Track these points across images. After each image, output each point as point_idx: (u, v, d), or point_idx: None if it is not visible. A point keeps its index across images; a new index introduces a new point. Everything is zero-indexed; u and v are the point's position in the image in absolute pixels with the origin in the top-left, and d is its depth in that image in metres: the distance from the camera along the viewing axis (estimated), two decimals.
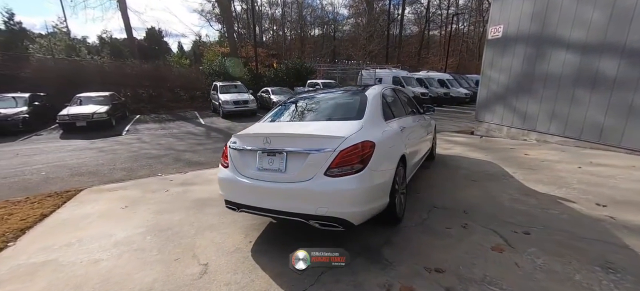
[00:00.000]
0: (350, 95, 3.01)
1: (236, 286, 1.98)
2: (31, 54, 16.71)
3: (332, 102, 3.01)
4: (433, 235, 2.60)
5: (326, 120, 2.75)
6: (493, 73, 7.61)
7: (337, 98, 3.03)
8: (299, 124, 2.77)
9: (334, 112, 2.84)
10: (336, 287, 1.95)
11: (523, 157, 5.14)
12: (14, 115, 10.09)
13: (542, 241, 2.42)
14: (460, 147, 6.37)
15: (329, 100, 3.05)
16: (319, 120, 2.79)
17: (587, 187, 3.58)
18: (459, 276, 2.02)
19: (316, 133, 2.33)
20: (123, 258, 2.40)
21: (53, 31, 21.96)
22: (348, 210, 2.12)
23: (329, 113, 2.83)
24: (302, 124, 2.76)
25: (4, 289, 2.08)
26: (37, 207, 3.69)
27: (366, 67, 19.38)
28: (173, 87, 16.14)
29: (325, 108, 2.93)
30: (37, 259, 2.45)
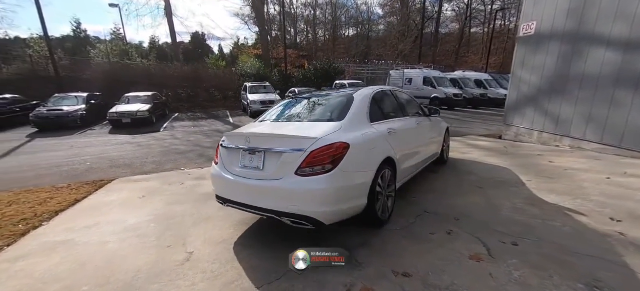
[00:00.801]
0: (339, 97, 3.07)
1: (210, 274, 2.17)
2: (91, 58, 19.01)
3: (322, 103, 3.09)
4: (413, 240, 2.57)
5: (310, 121, 2.84)
6: (524, 73, 7.07)
7: (327, 101, 3.11)
8: (282, 125, 2.90)
9: (320, 113, 2.93)
10: (301, 283, 2.04)
11: (546, 165, 4.75)
12: (74, 112, 11.55)
13: (529, 254, 2.28)
14: (479, 151, 6.04)
15: (320, 102, 3.13)
16: (304, 121, 2.89)
17: (607, 199, 3.25)
18: (425, 282, 2.01)
19: (290, 134, 2.44)
20: (126, 242, 2.72)
21: (111, 38, 24.72)
22: (317, 209, 2.20)
23: (316, 115, 2.92)
24: (284, 125, 2.89)
25: (28, 260, 2.48)
26: (73, 193, 4.27)
27: (396, 67, 18.90)
28: (209, 88, 17.27)
29: (314, 110, 3.02)
30: (59, 238, 2.88)
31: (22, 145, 8.95)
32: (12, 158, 7.45)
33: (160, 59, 22.13)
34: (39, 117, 11.20)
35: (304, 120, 2.90)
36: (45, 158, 7.07)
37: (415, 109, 4.14)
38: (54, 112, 11.39)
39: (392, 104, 3.52)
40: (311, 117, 2.91)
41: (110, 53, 19.70)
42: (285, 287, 2.00)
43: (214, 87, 17.43)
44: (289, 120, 3.02)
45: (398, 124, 3.21)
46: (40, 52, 18.48)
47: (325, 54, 34.48)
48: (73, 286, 2.08)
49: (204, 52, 40.09)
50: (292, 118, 3.02)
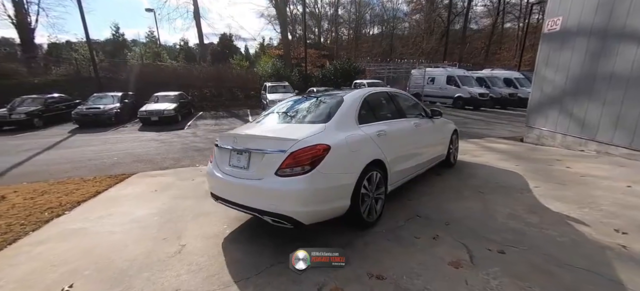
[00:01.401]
0: (331, 99, 3.11)
1: (195, 267, 2.32)
2: (127, 60, 20.45)
3: (315, 105, 3.14)
4: (397, 243, 2.57)
5: (299, 122, 2.91)
6: (548, 72, 6.65)
7: (319, 102, 3.16)
8: (272, 126, 2.99)
9: (310, 115, 2.99)
10: (276, 280, 2.12)
11: (561, 171, 4.47)
12: (109, 110, 12.52)
13: (513, 263, 2.21)
14: (493, 154, 5.79)
15: (313, 103, 3.19)
16: (293, 123, 2.97)
17: (619, 209, 3.02)
18: (397, 286, 2.01)
19: (273, 135, 2.54)
20: (130, 233, 2.96)
21: (146, 41, 26.41)
22: (296, 209, 2.28)
23: (306, 116, 2.98)
24: (274, 126, 2.98)
25: (46, 245, 2.79)
26: (96, 186, 4.67)
27: (418, 65, 18.41)
28: (231, 87, 17.92)
29: (305, 112, 3.08)
30: (75, 226, 3.20)
31: (63, 140, 9.87)
32: (54, 151, 8.25)
33: (188, 60, 23.34)
34: (79, 114, 12.28)
35: (294, 122, 2.98)
36: (80, 152, 7.77)
37: (415, 111, 4.08)
38: (92, 110, 12.43)
39: (386, 106, 3.50)
40: (301, 119, 2.98)
41: (143, 55, 21.10)
42: (261, 283, 2.10)
43: (236, 86, 18.06)
44: (281, 121, 3.12)
45: (390, 126, 3.20)
46: (83, 54, 20.15)
47: (348, 53, 34.32)
48: (77, 270, 2.33)
49: (231, 53, 41.52)
50: (285, 120, 3.11)
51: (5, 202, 4.07)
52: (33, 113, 12.37)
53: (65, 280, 2.19)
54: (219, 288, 2.04)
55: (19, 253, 2.67)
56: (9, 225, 3.25)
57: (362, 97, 3.11)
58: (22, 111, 12.25)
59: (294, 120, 3.00)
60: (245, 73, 19.38)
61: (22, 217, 3.45)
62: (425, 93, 18.04)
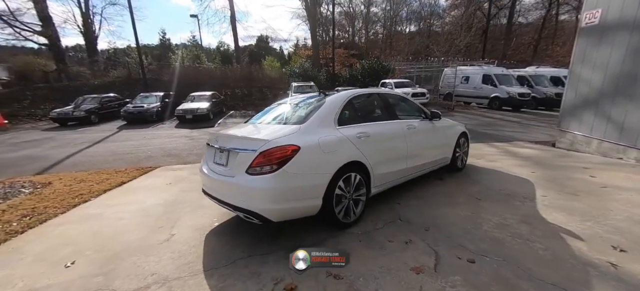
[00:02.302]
0: (315, 100, 3.19)
1: (176, 254, 2.55)
2: (170, 63, 22.28)
3: (299, 106, 3.23)
4: (367, 245, 2.59)
5: (279, 124, 3.03)
6: (584, 70, 6.01)
7: (304, 103, 3.25)
8: (254, 126, 3.14)
9: (291, 116, 3.08)
10: (240, 271, 2.26)
11: (582, 180, 4.06)
12: (150, 109, 13.79)
13: (479, 274, 2.13)
14: (512, 160, 5.41)
15: (298, 104, 3.29)
16: (273, 124, 3.08)
17: (629, 225, 2.72)
18: (351, 286, 2.05)
19: (247, 136, 2.68)
20: (134, 220, 3.33)
21: (189, 44, 28.55)
22: (263, 206, 2.41)
23: (288, 118, 3.09)
24: (256, 126, 3.12)
25: (66, 226, 3.25)
26: (124, 176, 5.25)
27: (452, 64, 17.49)
28: (262, 87, 18.64)
29: (290, 113, 3.19)
30: (94, 211, 3.67)
31: (112, 135, 11.10)
32: (102, 144, 9.34)
33: (225, 61, 24.73)
34: (126, 112, 13.69)
35: (275, 123, 3.11)
36: (122, 146, 8.71)
37: (412, 112, 3.99)
38: (137, 108, 13.78)
39: (373, 108, 3.49)
40: (283, 120, 3.10)
41: (184, 58, 22.81)
42: (226, 273, 2.26)
43: (266, 86, 18.76)
44: (266, 122, 3.26)
45: (375, 128, 3.19)
46: (135, 58, 22.33)
47: (381, 52, 33.63)
48: (82, 249, 2.70)
49: (267, 54, 43.04)
50: (270, 121, 3.24)
51: (50, 187, 4.76)
52: (91, 111, 14.07)
53: (70, 257, 2.56)
54: (188, 275, 2.25)
55: (45, 231, 3.16)
56: (46, 207, 3.83)
57: (346, 98, 3.15)
58: (83, 109, 14.01)
59: (277, 121, 3.13)
60: (274, 74, 20.04)
61: (57, 201, 4.03)
62: (458, 93, 17.13)
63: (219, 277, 2.21)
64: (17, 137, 11.35)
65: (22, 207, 3.83)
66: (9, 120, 14.30)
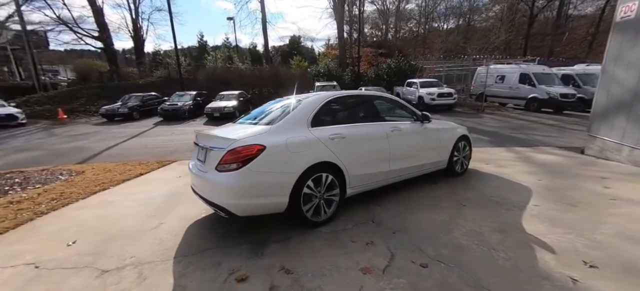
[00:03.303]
0: (294, 102, 3.32)
1: (158, 241, 2.83)
2: (204, 64, 23.76)
3: (279, 107, 3.37)
4: (329, 244, 2.65)
5: (255, 124, 3.18)
6: (617, 69, 5.41)
7: (284, 104, 3.39)
8: (233, 127, 3.33)
9: (268, 117, 3.23)
10: (204, 260, 2.46)
11: (591, 191, 3.73)
12: (183, 107, 14.87)
13: (425, 279, 2.12)
14: (524, 166, 5.07)
15: (280, 105, 3.41)
16: (249, 124, 3.25)
17: (615, 241, 2.50)
18: (297, 281, 2.14)
19: (220, 135, 2.86)
20: (137, 208, 3.72)
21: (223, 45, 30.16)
22: (228, 201, 2.60)
23: (264, 118, 3.24)
24: (233, 127, 3.30)
25: (82, 210, 3.73)
26: (143, 169, 5.81)
27: (486, 62, 16.42)
28: (288, 87, 19.06)
29: (270, 113, 3.32)
30: (108, 198, 4.15)
31: (148, 130, 12.19)
32: (138, 138, 10.32)
33: (255, 61, 25.77)
34: (162, 109, 14.91)
35: (253, 123, 3.28)
36: (153, 141, 9.55)
37: (400, 114, 3.94)
38: (171, 106, 14.94)
39: (354, 109, 3.52)
40: (260, 120, 3.26)
41: (217, 59, 24.16)
42: (192, 261, 2.48)
43: (292, 86, 19.17)
44: (247, 122, 3.42)
45: (352, 130, 3.23)
46: (174, 59, 24.16)
47: (414, 50, 32.55)
48: (85, 232, 3.10)
49: (298, 53, 43.84)
50: (251, 121, 3.40)
51: (82, 175, 5.44)
52: (133, 108, 15.53)
53: (74, 237, 2.96)
54: (160, 260, 2.51)
55: (64, 214, 3.67)
56: (72, 193, 4.41)
57: (323, 100, 3.24)
58: (127, 106, 15.52)
59: (255, 121, 3.30)
60: (299, 74, 20.41)
61: (82, 188, 4.62)
62: (492, 93, 16.10)
63: (185, 264, 2.44)
64: (73, 130, 12.91)
65: (54, 192, 4.45)
66: (68, 115, 16.32)
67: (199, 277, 2.25)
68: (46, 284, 2.22)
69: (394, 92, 17.84)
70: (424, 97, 14.40)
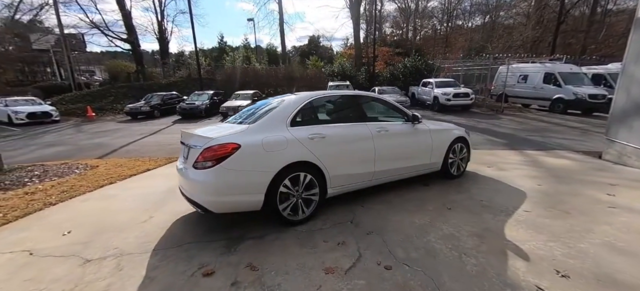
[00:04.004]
0: (276, 102, 3.36)
1: (143, 233, 2.96)
2: (223, 64, 24.49)
3: (264, 107, 3.43)
4: (301, 243, 2.68)
5: (236, 123, 3.25)
6: (638, 69, 5.00)
7: (269, 104, 3.44)
8: (214, 126, 3.42)
9: (249, 117, 3.30)
10: (180, 254, 2.56)
11: (589, 197, 3.51)
12: (200, 106, 15.40)
13: (386, 281, 2.11)
14: (528, 170, 4.83)
15: (265, 105, 3.47)
16: (233, 123, 3.33)
17: (600, 251, 2.35)
18: (259, 279, 2.18)
19: (200, 134, 2.96)
20: (133, 202, 3.92)
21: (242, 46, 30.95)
22: (204, 197, 2.70)
23: (246, 118, 3.30)
24: (214, 126, 3.40)
25: (87, 202, 3.99)
26: (152, 165, 6.10)
27: (509, 60, 15.65)
28: (301, 86, 19.23)
29: (255, 113, 3.37)
30: (113, 192, 4.40)
31: (165, 128, 12.75)
32: (155, 136, 10.82)
33: (271, 61, 26.22)
34: (181, 108, 15.54)
35: (234, 122, 3.36)
36: (168, 139, 9.97)
37: (390, 115, 3.88)
38: (189, 105, 15.53)
39: (338, 110, 3.51)
40: (242, 120, 3.33)
41: (235, 59, 24.83)
42: (170, 254, 2.58)
43: (305, 85, 19.30)
44: (230, 121, 3.50)
45: (334, 130, 3.22)
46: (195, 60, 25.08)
47: (432, 49, 31.66)
48: (82, 223, 3.31)
49: (317, 53, 43.97)
50: (234, 120, 3.49)
51: (95, 170, 5.80)
52: (154, 107, 16.30)
53: (71, 227, 3.18)
54: (139, 252, 2.63)
55: (70, 205, 3.94)
56: (81, 186, 4.72)
57: (304, 100, 3.26)
58: (149, 104, 16.32)
59: (239, 120, 3.38)
60: (313, 74, 20.51)
61: (92, 181, 4.94)
62: (514, 93, 15.38)
63: (161, 257, 2.56)
64: (99, 127, 13.77)
65: (66, 184, 4.79)
66: (96, 113, 17.42)
67: (169, 270, 2.36)
68: (34, 270, 2.41)
69: (409, 92, 17.47)
70: (439, 97, 14.00)
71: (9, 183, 4.94)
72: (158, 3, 27.78)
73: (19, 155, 8.32)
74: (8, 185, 4.86)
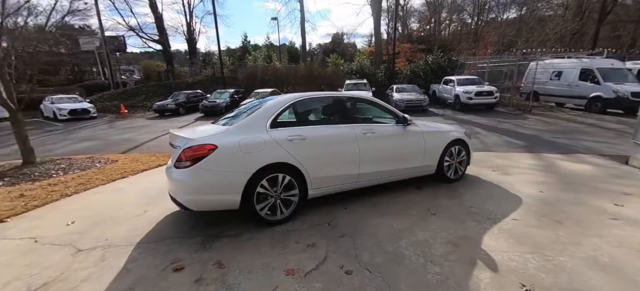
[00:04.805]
0: (260, 103, 3.43)
1: (133, 227, 3.16)
2: (245, 63, 25.20)
3: (249, 108, 3.51)
4: (273, 244, 2.72)
5: (219, 124, 3.36)
6: None
7: (250, 106, 3.51)
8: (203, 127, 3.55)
9: (233, 118, 3.39)
10: (158, 248, 2.71)
11: (592, 207, 3.23)
12: (220, 103, 16.00)
13: (342, 285, 2.11)
14: (536, 175, 4.53)
15: (251, 107, 3.54)
16: (216, 124, 3.44)
17: (580, 265, 2.17)
18: (223, 276, 2.26)
19: (182, 135, 3.07)
20: (136, 196, 4.18)
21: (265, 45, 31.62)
22: (182, 196, 2.84)
23: (230, 119, 3.39)
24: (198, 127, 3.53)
25: (96, 195, 4.33)
26: (164, 161, 6.46)
27: (540, 56, 14.55)
28: (320, 84, 19.30)
29: (241, 114, 3.46)
30: (123, 186, 4.72)
31: (187, 125, 13.38)
32: None
33: (292, 59, 26.56)
34: (203, 106, 16.24)
35: (223, 124, 3.46)
36: None
37: (380, 117, 3.81)
38: (211, 103, 16.19)
39: (321, 111, 3.50)
40: (230, 120, 3.43)
41: (256, 58, 25.42)
42: (151, 248, 2.75)
43: (324, 83, 19.35)
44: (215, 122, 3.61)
45: (315, 132, 3.23)
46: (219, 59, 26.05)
47: (460, 46, 30.18)
48: (86, 214, 3.59)
49: (340, 50, 43.71)
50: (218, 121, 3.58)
51: (114, 164, 6.26)
52: (180, 104, 17.17)
53: (75, 218, 3.48)
54: (125, 245, 2.80)
55: (83, 197, 4.30)
56: (97, 179, 5.12)
57: (287, 102, 3.30)
58: (175, 102, 17.23)
59: (221, 121, 3.49)
60: (332, 72, 20.44)
61: (108, 175, 5.34)
62: (545, 91, 14.34)
63: (142, 250, 2.72)
64: (129, 123, 14.76)
65: (85, 177, 5.22)
66: (129, 110, 18.69)
67: (146, 263, 2.51)
68: (33, 256, 2.68)
69: (430, 90, 16.88)
70: (460, 96, 13.41)
71: (38, 175, 5.48)
72: (187, 4, 29.18)
73: (56, 148, 9.20)
74: (36, 176, 5.40)
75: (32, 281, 2.33)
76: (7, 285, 2.30)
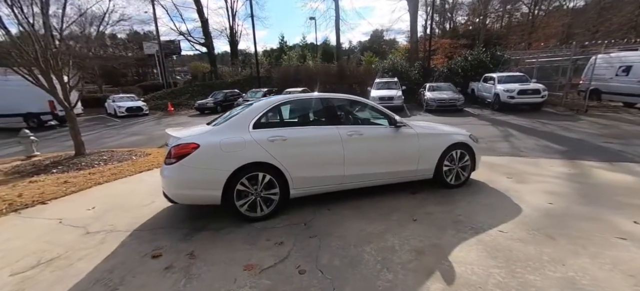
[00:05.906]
0: (246, 105, 3.57)
1: (139, 214, 3.53)
2: (280, 62, 25.95)
3: (239, 109, 3.66)
4: (247, 239, 2.84)
5: (211, 125, 3.56)
6: None
7: (241, 107, 3.66)
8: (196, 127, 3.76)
9: (227, 118, 3.56)
10: (149, 236, 2.97)
11: (600, 221, 2.82)
12: (253, 102, 16.74)
13: (289, 284, 2.17)
14: (558, 185, 4.05)
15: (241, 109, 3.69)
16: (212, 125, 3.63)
17: (551, 287, 1.90)
18: (189, 266, 2.45)
19: (172, 134, 3.29)
20: (149, 188, 4.60)
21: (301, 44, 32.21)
22: (168, 190, 3.11)
23: (225, 119, 3.58)
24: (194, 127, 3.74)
25: (124, 184, 4.89)
26: None
27: (605, 49, 12.68)
28: (351, 83, 19.10)
29: (231, 115, 3.61)
30: (146, 178, 5.22)
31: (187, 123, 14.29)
32: None
33: (326, 58, 26.68)
34: (237, 104, 17.13)
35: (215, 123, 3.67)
36: None
37: (369, 118, 3.73)
38: (245, 101, 17.04)
39: (305, 113, 3.53)
40: (220, 121, 3.62)
41: (291, 58, 26.03)
42: (141, 235, 3.04)
43: (355, 82, 19.11)
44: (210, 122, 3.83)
45: (297, 133, 3.29)
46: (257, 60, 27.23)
47: (516, 39, 27.51)
48: (106, 201, 4.09)
49: (379, 47, 42.73)
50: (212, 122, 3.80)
51: (146, 157, 6.94)
52: (217, 102, 18.38)
53: (96, 204, 4.00)
54: (124, 231, 3.15)
55: (111, 186, 4.88)
56: (128, 170, 5.76)
57: (271, 104, 3.41)
58: (214, 101, 18.49)
59: (215, 122, 3.69)
60: (364, 70, 20.07)
61: (137, 167, 5.94)
62: (608, 89, 12.51)
63: (135, 237, 3.04)
64: (174, 120, 16.20)
65: (119, 168, 5.91)
66: (175, 108, 20.48)
67: (132, 249, 2.81)
68: (53, 235, 3.16)
69: (469, 88, 15.73)
70: (500, 94, 12.31)
71: (84, 164, 6.34)
72: (230, 8, 30.92)
73: (110, 141, 10.49)
74: (82, 166, 6.25)
75: (43, 255, 2.75)
76: (25, 256, 2.76)
